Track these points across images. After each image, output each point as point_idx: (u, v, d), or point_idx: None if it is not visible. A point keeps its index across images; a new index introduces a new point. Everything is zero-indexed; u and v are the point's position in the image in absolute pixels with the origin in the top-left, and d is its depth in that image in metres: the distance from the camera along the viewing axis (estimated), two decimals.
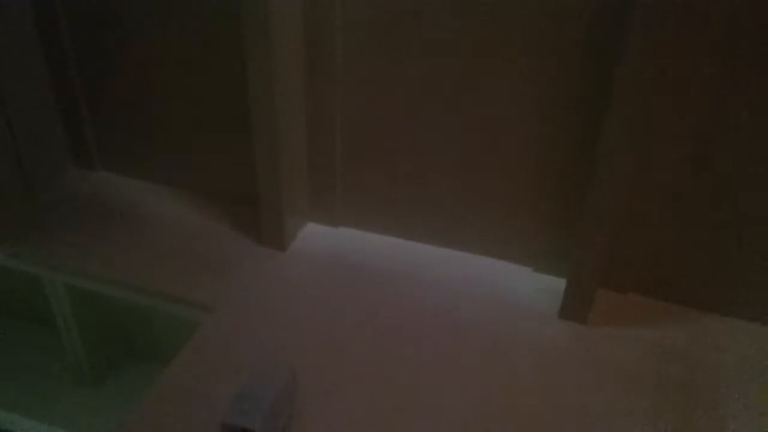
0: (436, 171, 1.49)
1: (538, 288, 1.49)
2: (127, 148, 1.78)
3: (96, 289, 1.53)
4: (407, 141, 1.48)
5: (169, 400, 1.21)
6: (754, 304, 1.39)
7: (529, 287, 1.49)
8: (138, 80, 1.65)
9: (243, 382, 1.13)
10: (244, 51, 1.33)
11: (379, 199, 1.59)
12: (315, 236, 1.64)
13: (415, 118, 1.45)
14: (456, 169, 1.47)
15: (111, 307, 1.75)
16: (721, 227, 1.34)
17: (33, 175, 1.70)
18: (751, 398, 1.25)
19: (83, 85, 1.71)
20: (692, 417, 1.21)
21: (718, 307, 1.42)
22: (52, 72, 1.69)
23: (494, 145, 1.42)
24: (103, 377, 1.81)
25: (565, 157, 1.36)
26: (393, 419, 1.18)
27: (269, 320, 1.39)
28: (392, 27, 1.37)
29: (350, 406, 1.20)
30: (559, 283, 1.41)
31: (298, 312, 1.41)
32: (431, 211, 1.55)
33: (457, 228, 1.55)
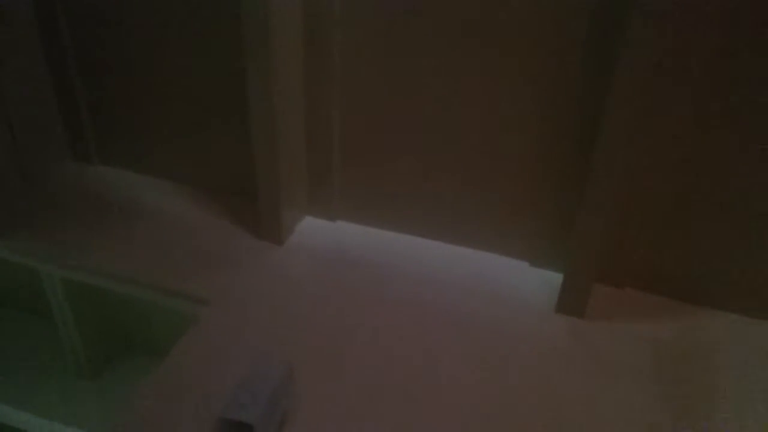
0: (434, 166, 1.49)
1: (535, 282, 1.49)
2: (125, 142, 1.78)
3: (93, 282, 1.53)
4: (406, 136, 1.48)
5: (166, 394, 1.21)
6: (752, 299, 1.40)
7: (526, 282, 1.49)
8: (136, 74, 1.65)
9: (240, 376, 1.14)
10: (244, 50, 1.33)
11: (377, 194, 1.58)
12: (313, 230, 1.64)
13: (414, 115, 1.45)
14: (455, 164, 1.47)
15: (108, 301, 1.75)
16: (719, 222, 1.34)
17: (31, 169, 1.70)
18: (747, 393, 1.26)
19: (81, 79, 1.71)
20: (689, 411, 1.21)
21: (716, 302, 1.43)
22: (51, 65, 1.69)
23: (493, 141, 1.42)
24: (100, 370, 1.81)
25: (563, 152, 1.36)
26: (390, 414, 1.19)
27: (266, 314, 1.39)
28: (391, 26, 1.37)
29: (347, 400, 1.21)
30: (556, 278, 1.42)
31: (296, 306, 1.41)
32: (429, 206, 1.55)
33: (455, 222, 1.55)
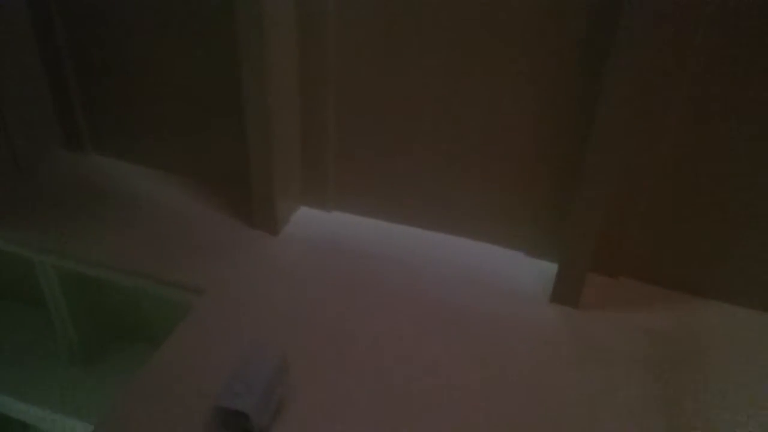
0: (430, 157, 1.49)
1: (530, 272, 1.49)
2: (119, 132, 1.77)
3: (87, 272, 1.52)
4: (401, 126, 1.48)
5: (160, 383, 1.21)
6: (745, 289, 1.40)
7: (521, 272, 1.50)
8: (130, 63, 1.64)
9: (235, 365, 1.14)
10: (237, 37, 1.32)
11: (372, 184, 1.58)
12: (308, 220, 1.63)
13: (410, 106, 1.44)
14: (451, 155, 1.47)
15: (102, 290, 1.74)
16: (713, 212, 1.34)
17: (23, 158, 1.70)
18: (740, 382, 1.26)
19: (74, 68, 1.69)
20: (682, 400, 1.22)
21: (709, 291, 1.44)
22: (44, 54, 1.67)
23: (488, 132, 1.41)
24: (95, 359, 1.80)
25: (559, 144, 1.36)
26: (384, 403, 1.19)
27: (261, 304, 1.38)
28: (388, 26, 1.36)
29: (341, 389, 1.21)
30: (551, 268, 1.42)
31: (290, 296, 1.41)
32: (424, 196, 1.55)
33: (450, 213, 1.55)
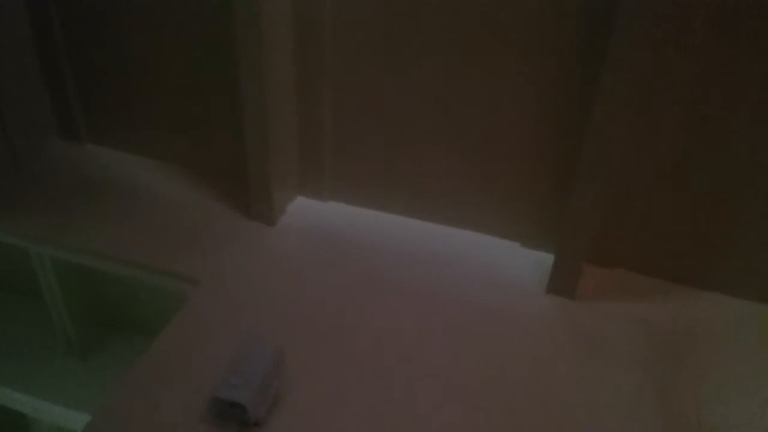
0: (427, 148, 1.49)
1: (527, 263, 1.49)
2: (115, 122, 1.76)
3: (83, 262, 1.52)
4: (400, 119, 1.47)
5: (156, 374, 1.21)
6: (742, 280, 1.41)
7: (518, 262, 1.50)
8: (126, 52, 1.63)
9: (231, 356, 1.14)
10: (234, 25, 1.32)
11: (369, 174, 1.58)
12: (305, 211, 1.63)
13: (407, 96, 1.44)
14: (448, 145, 1.47)
15: (98, 280, 1.74)
16: (710, 204, 1.34)
17: (19, 148, 1.69)
18: (736, 373, 1.27)
19: (70, 57, 1.68)
20: (678, 391, 1.22)
21: (705, 282, 1.44)
22: (39, 44, 1.66)
23: (485, 124, 1.41)
24: (91, 350, 1.80)
25: (558, 143, 1.36)
26: (381, 396, 1.19)
27: (257, 295, 1.38)
28: (387, 25, 1.36)
29: (338, 381, 1.21)
30: (548, 259, 1.42)
31: (287, 287, 1.41)
32: (421, 187, 1.55)
33: (446, 203, 1.55)
